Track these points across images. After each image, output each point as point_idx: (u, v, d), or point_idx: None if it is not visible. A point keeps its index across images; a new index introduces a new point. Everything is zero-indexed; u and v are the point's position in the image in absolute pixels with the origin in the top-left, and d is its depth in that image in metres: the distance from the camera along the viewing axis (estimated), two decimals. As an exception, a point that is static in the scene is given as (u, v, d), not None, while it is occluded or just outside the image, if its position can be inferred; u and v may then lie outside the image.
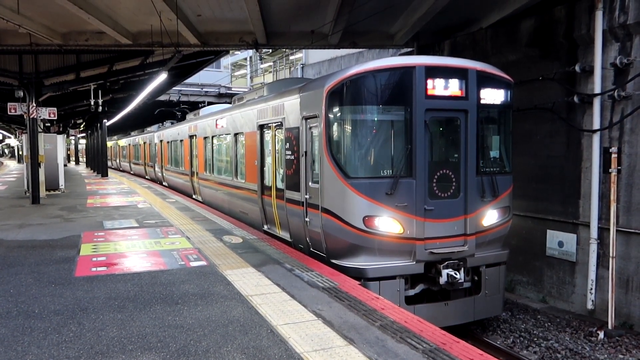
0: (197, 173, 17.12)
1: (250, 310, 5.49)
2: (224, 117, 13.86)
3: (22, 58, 15.55)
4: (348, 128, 7.87)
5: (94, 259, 8.00)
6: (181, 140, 19.67)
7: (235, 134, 12.60)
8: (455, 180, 7.93)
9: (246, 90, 29.16)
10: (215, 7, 11.44)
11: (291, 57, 35.75)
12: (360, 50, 18.71)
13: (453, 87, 7.81)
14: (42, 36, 12.22)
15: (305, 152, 8.43)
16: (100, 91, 20.64)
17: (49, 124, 23.19)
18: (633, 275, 9.09)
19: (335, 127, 7.82)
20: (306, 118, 8.43)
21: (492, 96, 8.22)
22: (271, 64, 41.24)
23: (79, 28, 12.73)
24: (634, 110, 9.02)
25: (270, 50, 37.69)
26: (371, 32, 13.50)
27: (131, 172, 36.33)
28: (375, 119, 7.94)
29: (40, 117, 16.13)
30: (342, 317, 5.27)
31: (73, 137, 52.97)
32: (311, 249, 8.50)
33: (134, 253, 8.45)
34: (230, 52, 27.86)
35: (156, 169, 26.16)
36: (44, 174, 17.39)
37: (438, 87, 7.70)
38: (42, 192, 16.80)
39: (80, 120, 36.82)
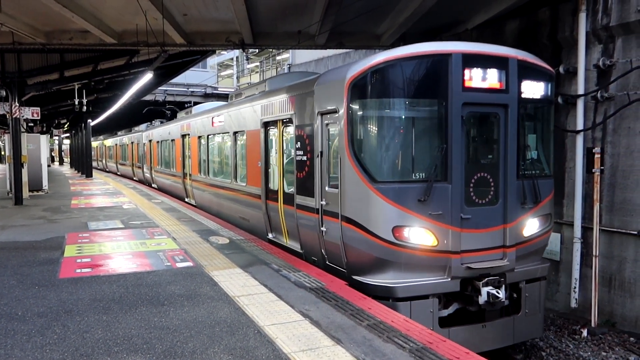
0: (190, 175, 16.13)
1: (237, 311, 5.47)
2: (221, 114, 12.82)
3: (5, 57, 15.36)
4: (374, 125, 6.93)
5: (79, 261, 7.91)
6: (172, 140, 18.72)
7: (235, 133, 11.56)
8: (494, 184, 6.95)
9: (233, 90, 28.99)
10: (202, 6, 11.38)
11: (278, 58, 35.75)
12: (347, 50, 18.76)
13: (492, 79, 6.80)
14: (25, 35, 12.07)
15: (321, 152, 7.48)
16: (84, 91, 20.47)
17: (32, 124, 22.92)
18: (615, 273, 9.22)
19: (359, 123, 6.84)
20: (323, 113, 7.45)
21: (534, 89, 7.21)
22: (258, 64, 41.18)
23: (63, 27, 12.59)
24: (616, 111, 9.16)
25: (257, 51, 37.64)
26: (358, 32, 13.54)
27: (118, 173, 35.85)
28: (405, 114, 6.98)
29: (23, 116, 15.93)
30: (330, 317, 5.28)
31: (57, 137, 52.39)
32: (327, 262, 7.57)
33: (119, 254, 8.37)
34: (217, 52, 27.77)
35: (145, 170, 25.50)
36: (27, 175, 17.15)
37: (475, 78, 6.69)
38: (25, 192, 16.59)
39: (64, 120, 36.49)
